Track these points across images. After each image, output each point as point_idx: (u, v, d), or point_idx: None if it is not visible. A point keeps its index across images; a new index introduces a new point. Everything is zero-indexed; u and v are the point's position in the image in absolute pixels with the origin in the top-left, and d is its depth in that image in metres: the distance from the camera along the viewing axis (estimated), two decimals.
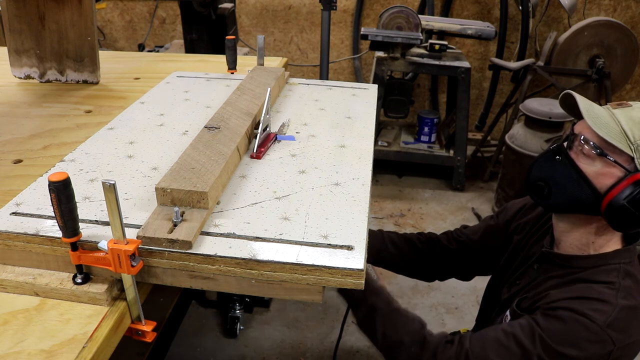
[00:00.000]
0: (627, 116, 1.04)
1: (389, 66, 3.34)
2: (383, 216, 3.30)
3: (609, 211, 1.04)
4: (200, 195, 0.91)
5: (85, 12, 1.63)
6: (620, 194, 1.02)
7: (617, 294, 1.05)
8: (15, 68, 1.72)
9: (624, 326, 1.03)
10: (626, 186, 1.02)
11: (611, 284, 1.07)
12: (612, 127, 1.04)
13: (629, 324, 1.04)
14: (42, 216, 0.92)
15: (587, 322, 1.02)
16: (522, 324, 1.08)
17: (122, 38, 4.37)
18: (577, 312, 1.03)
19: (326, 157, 1.18)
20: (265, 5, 4.11)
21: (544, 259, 1.23)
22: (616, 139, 1.02)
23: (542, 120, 2.93)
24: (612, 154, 1.04)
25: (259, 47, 1.64)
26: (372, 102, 1.54)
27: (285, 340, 2.35)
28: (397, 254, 1.47)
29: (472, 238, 1.47)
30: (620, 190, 1.02)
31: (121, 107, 1.45)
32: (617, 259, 1.11)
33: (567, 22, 3.76)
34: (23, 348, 0.76)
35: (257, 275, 0.84)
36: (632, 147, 1.02)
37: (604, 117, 1.06)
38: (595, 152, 1.05)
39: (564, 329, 1.03)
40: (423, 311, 2.52)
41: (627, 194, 1.01)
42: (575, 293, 1.08)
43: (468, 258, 1.49)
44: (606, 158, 1.04)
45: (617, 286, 1.06)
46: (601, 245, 1.13)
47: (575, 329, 1.02)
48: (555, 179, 1.12)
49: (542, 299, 1.13)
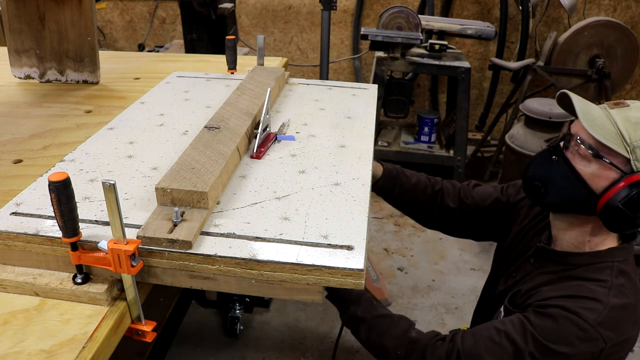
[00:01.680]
0: (623, 116, 1.04)
1: (389, 66, 3.34)
2: (383, 216, 3.30)
3: (604, 212, 1.05)
4: (200, 195, 0.91)
5: (85, 12, 1.63)
6: (615, 196, 1.02)
7: (609, 292, 1.05)
8: (15, 68, 1.72)
9: (615, 324, 1.03)
10: (622, 188, 1.02)
11: (603, 282, 1.07)
12: (608, 128, 1.03)
13: (620, 322, 1.04)
14: (42, 216, 0.92)
15: (578, 320, 1.02)
16: (513, 321, 1.08)
17: (122, 38, 4.37)
18: (569, 310, 1.03)
19: (326, 157, 1.18)
20: (265, 5, 4.11)
21: (539, 253, 1.23)
22: (612, 141, 1.02)
23: (542, 120, 2.93)
24: (607, 156, 1.03)
25: (259, 47, 1.64)
26: (372, 102, 1.54)
27: (285, 340, 2.35)
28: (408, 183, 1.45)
29: (480, 204, 1.43)
30: (616, 192, 1.02)
31: (121, 107, 1.45)
32: (611, 257, 1.11)
33: (567, 22, 3.76)
34: (23, 348, 0.76)
35: (257, 275, 0.84)
36: (628, 148, 1.01)
37: (599, 118, 1.05)
38: (590, 153, 1.05)
39: (556, 326, 1.03)
40: (423, 311, 2.52)
41: (622, 196, 1.01)
42: (567, 291, 1.08)
43: (465, 220, 1.45)
44: (602, 160, 1.04)
45: (610, 284, 1.06)
46: (597, 243, 1.13)
47: (566, 326, 1.02)
48: (551, 179, 1.11)
49: (534, 295, 1.14)
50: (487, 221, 1.44)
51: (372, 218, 3.27)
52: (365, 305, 1.19)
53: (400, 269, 2.83)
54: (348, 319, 1.20)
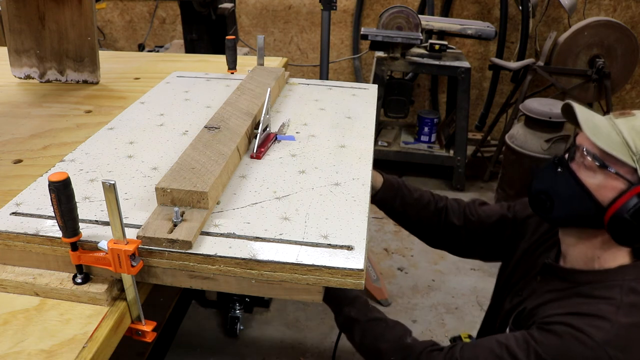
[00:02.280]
0: (629, 126, 1.01)
1: (389, 66, 3.34)
2: (383, 216, 3.28)
3: (611, 225, 1.01)
4: (200, 195, 0.91)
5: (85, 12, 1.63)
6: (622, 207, 0.98)
7: (617, 311, 1.00)
8: (15, 68, 1.72)
9: (625, 345, 0.97)
10: (629, 199, 0.98)
11: (611, 300, 1.02)
12: (613, 138, 1.00)
13: (630, 342, 0.98)
14: (42, 216, 0.92)
15: (584, 338, 0.97)
16: (516, 337, 1.05)
17: (122, 38, 4.37)
18: (574, 327, 0.99)
19: (326, 157, 1.18)
20: (265, 5, 4.11)
21: (546, 271, 1.19)
22: (617, 150, 0.99)
23: (542, 120, 2.92)
24: (613, 166, 1.00)
25: (259, 47, 1.64)
26: (372, 102, 1.54)
27: (285, 340, 2.35)
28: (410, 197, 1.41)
29: (486, 222, 1.40)
30: (623, 203, 0.99)
31: (121, 107, 1.45)
32: (621, 274, 1.06)
33: (567, 22, 3.76)
34: (23, 348, 0.76)
35: (257, 275, 0.84)
36: (635, 157, 0.98)
37: (604, 127, 1.03)
38: (596, 164, 1.02)
39: (560, 344, 0.99)
40: (423, 311, 2.52)
41: (630, 207, 0.98)
42: (572, 308, 1.04)
43: (471, 238, 1.42)
44: (607, 170, 1.01)
45: (618, 303, 1.01)
46: (607, 260, 1.09)
47: (571, 344, 0.98)
48: (556, 192, 1.08)
49: (538, 312, 1.10)
50: (493, 239, 1.41)
51: (372, 218, 3.27)
52: (360, 307, 1.17)
53: (400, 269, 2.83)
54: (342, 321, 1.19)
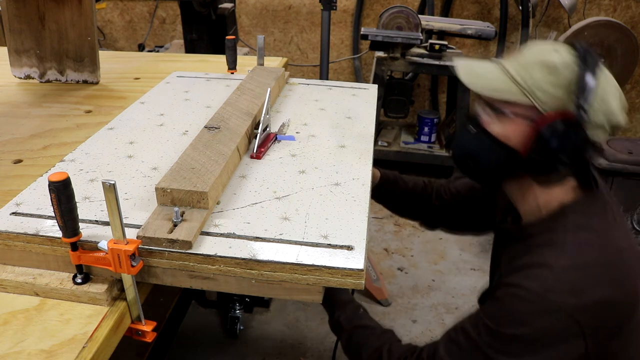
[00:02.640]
0: (515, 63, 0.97)
1: (389, 66, 3.34)
2: (383, 216, 3.30)
3: (528, 167, 0.98)
4: (200, 195, 0.91)
5: (85, 12, 1.63)
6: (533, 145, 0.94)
7: (560, 254, 0.92)
8: (15, 68, 1.72)
9: (572, 287, 0.88)
10: (534, 136, 0.94)
11: (554, 244, 0.94)
12: (501, 81, 0.96)
13: (579, 283, 0.89)
14: (42, 216, 0.92)
15: (522, 293, 0.89)
16: (471, 316, 0.98)
17: (122, 38, 4.37)
18: (511, 285, 0.92)
19: (326, 157, 1.18)
20: (265, 5, 4.11)
21: (505, 237, 1.12)
22: (505, 91, 0.95)
23: None
24: (509, 108, 0.96)
25: (259, 47, 1.64)
26: (372, 102, 1.54)
27: (285, 340, 2.35)
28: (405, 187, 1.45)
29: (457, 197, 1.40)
30: (530, 142, 0.95)
31: (121, 107, 1.45)
32: (564, 213, 0.98)
33: (567, 22, 3.76)
34: (23, 348, 0.76)
35: (257, 275, 0.84)
36: (526, 92, 0.94)
37: (490, 73, 0.98)
38: (493, 112, 0.99)
39: (501, 307, 0.92)
40: (423, 311, 2.52)
41: (538, 142, 0.94)
42: (516, 266, 0.96)
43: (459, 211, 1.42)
44: (505, 115, 0.97)
45: (561, 244, 0.93)
46: (547, 201, 1.01)
47: (511, 304, 0.91)
48: (474, 151, 1.05)
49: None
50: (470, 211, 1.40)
51: (372, 218, 3.27)
52: (349, 313, 1.16)
53: (400, 269, 2.83)
54: (333, 324, 1.18)
